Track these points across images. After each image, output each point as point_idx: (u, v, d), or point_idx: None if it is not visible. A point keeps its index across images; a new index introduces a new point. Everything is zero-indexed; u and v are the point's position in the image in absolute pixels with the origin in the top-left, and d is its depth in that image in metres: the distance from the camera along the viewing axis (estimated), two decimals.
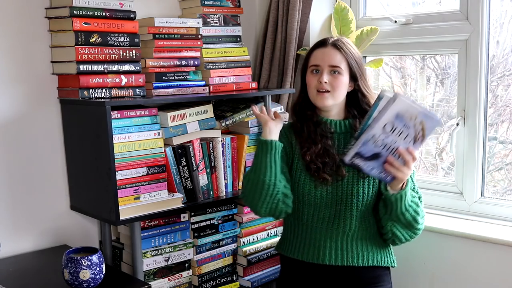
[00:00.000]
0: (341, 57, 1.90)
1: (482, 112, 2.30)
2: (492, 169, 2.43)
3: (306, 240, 1.95)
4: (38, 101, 2.14)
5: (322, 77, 1.88)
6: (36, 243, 2.17)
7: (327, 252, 1.91)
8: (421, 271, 2.36)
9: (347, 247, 1.91)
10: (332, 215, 1.91)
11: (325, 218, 1.92)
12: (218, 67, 2.42)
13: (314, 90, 1.91)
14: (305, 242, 1.95)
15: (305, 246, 1.95)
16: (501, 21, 2.36)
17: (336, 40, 1.94)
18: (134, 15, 2.15)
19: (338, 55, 1.90)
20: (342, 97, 1.93)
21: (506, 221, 2.25)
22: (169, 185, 2.14)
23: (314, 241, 1.93)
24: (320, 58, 1.91)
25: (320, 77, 1.89)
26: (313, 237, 1.93)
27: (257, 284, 2.40)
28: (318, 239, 1.93)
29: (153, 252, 2.14)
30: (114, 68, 2.10)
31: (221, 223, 2.35)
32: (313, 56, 1.95)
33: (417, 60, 2.67)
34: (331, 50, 1.91)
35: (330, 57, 1.90)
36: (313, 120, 1.96)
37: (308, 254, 1.94)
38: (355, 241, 1.92)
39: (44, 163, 2.17)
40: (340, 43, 1.92)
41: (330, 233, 1.91)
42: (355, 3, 2.68)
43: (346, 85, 1.92)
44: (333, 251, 1.91)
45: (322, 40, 1.98)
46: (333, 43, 1.92)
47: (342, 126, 1.96)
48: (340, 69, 1.89)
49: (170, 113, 2.14)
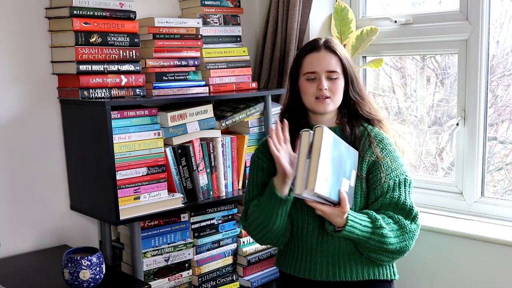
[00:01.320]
0: (337, 60, 1.82)
1: (482, 112, 2.30)
2: (492, 169, 2.43)
3: (298, 255, 1.86)
4: (38, 101, 2.14)
5: (322, 85, 1.79)
6: (36, 243, 2.17)
7: (318, 267, 1.81)
8: (421, 271, 2.36)
9: (339, 262, 1.80)
10: (321, 229, 1.79)
11: (314, 232, 1.81)
12: (218, 67, 2.42)
13: (312, 97, 1.82)
14: (297, 257, 1.86)
15: (297, 261, 1.86)
16: (501, 21, 2.36)
17: (327, 41, 1.85)
18: (134, 15, 2.15)
19: (333, 59, 1.82)
20: (340, 100, 1.85)
21: (506, 221, 2.25)
22: (169, 185, 2.14)
23: (306, 256, 1.84)
24: (316, 64, 1.81)
25: (319, 84, 1.80)
26: (305, 252, 1.84)
27: (257, 284, 2.40)
28: (309, 254, 1.83)
29: (153, 252, 2.14)
30: (114, 68, 2.10)
31: (221, 223, 2.35)
32: (307, 62, 1.83)
33: (417, 60, 2.67)
34: (326, 54, 1.82)
35: (326, 62, 1.81)
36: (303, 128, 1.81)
37: (300, 269, 1.85)
38: (347, 256, 1.80)
39: (44, 163, 2.17)
40: (333, 45, 1.84)
41: (321, 248, 1.80)
42: (355, 3, 2.68)
43: (343, 88, 1.85)
44: (324, 266, 1.81)
45: (312, 43, 1.87)
46: (326, 45, 1.83)
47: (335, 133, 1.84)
48: (338, 73, 1.82)
49: (170, 113, 2.14)
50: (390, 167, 1.80)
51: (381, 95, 2.79)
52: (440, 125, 2.59)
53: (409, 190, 1.81)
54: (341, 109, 1.89)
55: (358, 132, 1.85)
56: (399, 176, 1.80)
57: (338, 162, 1.66)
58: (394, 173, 1.80)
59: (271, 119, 2.44)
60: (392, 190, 1.78)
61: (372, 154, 1.81)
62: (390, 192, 1.78)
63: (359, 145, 1.83)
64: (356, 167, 1.78)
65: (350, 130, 1.85)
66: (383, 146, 1.83)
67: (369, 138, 1.84)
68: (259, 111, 2.44)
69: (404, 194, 1.79)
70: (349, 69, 1.84)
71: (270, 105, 2.44)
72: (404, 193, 1.79)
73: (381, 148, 1.83)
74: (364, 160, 1.81)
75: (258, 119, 2.45)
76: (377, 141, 1.83)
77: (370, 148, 1.82)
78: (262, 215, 1.77)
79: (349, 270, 1.80)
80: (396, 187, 1.79)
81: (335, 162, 1.64)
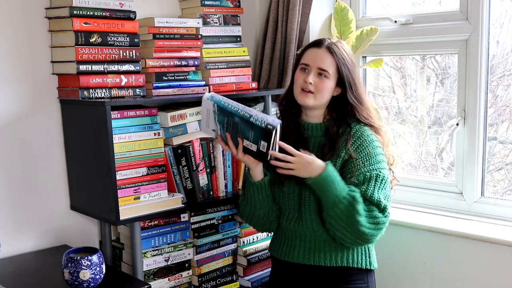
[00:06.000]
0: (332, 62, 1.90)
1: (482, 112, 2.30)
2: (492, 169, 2.43)
3: (282, 238, 2.01)
4: (38, 101, 2.14)
5: (308, 77, 1.90)
6: (36, 243, 2.17)
7: (296, 250, 1.95)
8: (421, 271, 2.36)
9: (315, 247, 1.92)
10: (297, 216, 1.93)
11: (292, 218, 1.94)
12: (218, 67, 2.42)
13: (298, 88, 1.93)
14: (281, 240, 2.02)
15: (280, 244, 2.01)
16: (501, 21, 2.36)
17: (332, 43, 1.94)
18: (134, 15, 2.15)
19: (329, 59, 1.90)
20: (324, 100, 1.93)
21: (506, 221, 2.25)
22: (169, 185, 2.14)
23: (286, 239, 1.99)
24: (311, 58, 1.92)
25: (306, 76, 1.91)
26: (286, 236, 1.99)
27: (257, 284, 2.40)
28: (289, 238, 1.98)
29: (153, 252, 2.14)
30: (114, 68, 2.10)
31: (221, 223, 2.35)
32: (305, 54, 1.95)
33: (417, 60, 2.67)
34: (323, 53, 1.91)
35: (320, 59, 1.90)
36: (295, 120, 1.99)
37: (282, 252, 2.00)
38: (323, 242, 1.91)
39: (44, 163, 2.17)
40: (334, 47, 1.92)
41: (299, 233, 1.94)
42: (355, 3, 2.68)
43: (331, 90, 1.93)
44: (301, 250, 1.94)
45: (318, 40, 1.98)
46: (328, 46, 1.92)
47: (319, 129, 1.97)
48: (328, 73, 1.90)
49: (170, 113, 2.14)
50: (360, 164, 1.86)
51: (381, 95, 2.80)
52: (440, 125, 2.59)
53: (379, 186, 1.85)
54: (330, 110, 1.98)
55: (340, 130, 1.93)
56: (371, 171, 1.86)
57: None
58: (365, 169, 1.86)
59: None
60: (361, 184, 1.84)
61: (346, 152, 1.90)
62: (358, 186, 1.84)
63: (338, 142, 1.92)
64: (269, 142, 1.81)
65: (334, 129, 1.94)
66: (360, 143, 1.90)
67: (348, 137, 1.91)
68: (259, 111, 2.44)
69: (371, 188, 1.83)
70: (345, 74, 1.91)
71: (270, 105, 2.44)
72: (372, 187, 1.84)
73: (357, 146, 1.90)
74: (339, 157, 1.90)
75: None
76: (354, 138, 1.91)
77: (345, 147, 1.90)
78: (248, 203, 1.97)
79: (323, 256, 1.91)
80: (366, 181, 1.84)
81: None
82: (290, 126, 1.99)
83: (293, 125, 1.99)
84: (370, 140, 1.91)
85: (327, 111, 1.98)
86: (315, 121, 1.98)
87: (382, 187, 1.86)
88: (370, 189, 1.83)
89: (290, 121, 2.00)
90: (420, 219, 2.38)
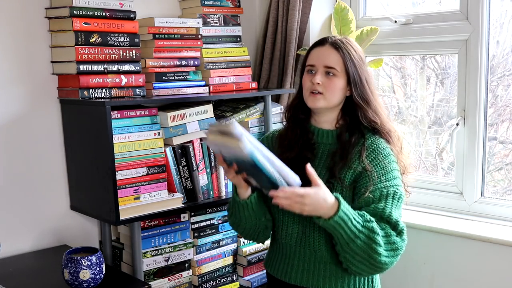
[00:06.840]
0: (338, 58, 1.74)
1: (482, 112, 2.30)
2: (492, 169, 2.43)
3: (279, 256, 1.84)
4: (38, 101, 2.14)
5: (315, 78, 1.74)
6: (36, 243, 2.17)
7: (294, 271, 1.78)
8: (421, 271, 2.36)
9: (314, 269, 1.75)
10: (300, 233, 1.76)
11: (293, 235, 1.77)
12: (218, 67, 2.42)
13: (307, 91, 1.77)
14: (278, 258, 1.84)
15: (277, 262, 1.84)
16: (501, 21, 2.36)
17: (336, 39, 1.78)
18: (134, 15, 2.15)
19: (334, 55, 1.74)
20: (336, 100, 1.77)
21: (506, 221, 2.25)
22: (169, 185, 2.14)
23: (285, 258, 1.81)
24: (316, 57, 1.77)
25: (313, 77, 1.75)
26: (284, 254, 1.81)
27: (257, 284, 2.40)
28: (288, 257, 1.80)
29: (153, 252, 2.14)
30: (114, 68, 2.10)
31: (221, 223, 2.35)
32: (310, 55, 1.80)
33: (417, 60, 2.67)
34: (328, 50, 1.76)
35: (325, 57, 1.75)
36: (302, 126, 1.84)
37: (278, 270, 1.83)
38: (323, 264, 1.74)
39: (44, 163, 2.17)
40: (339, 43, 1.76)
41: (299, 252, 1.77)
42: (355, 3, 2.68)
43: (342, 89, 1.76)
44: (299, 271, 1.77)
45: (322, 38, 1.83)
46: (332, 42, 1.77)
47: (330, 135, 1.81)
48: (336, 70, 1.74)
49: (170, 113, 2.14)
50: (376, 179, 1.69)
51: (381, 95, 2.79)
52: (440, 125, 2.59)
53: (396, 204, 1.68)
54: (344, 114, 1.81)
55: (354, 139, 1.77)
56: (388, 188, 1.69)
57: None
58: (381, 184, 1.69)
59: (271, 119, 2.44)
60: (378, 201, 1.67)
61: (359, 164, 1.72)
62: (375, 203, 1.67)
63: (352, 153, 1.74)
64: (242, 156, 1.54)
65: (346, 135, 1.78)
66: (374, 156, 1.73)
67: (362, 148, 1.74)
68: (259, 111, 2.44)
69: (389, 207, 1.66)
70: (351, 70, 1.74)
71: (270, 105, 2.44)
72: (390, 206, 1.67)
73: (372, 159, 1.73)
74: (351, 168, 1.73)
75: (258, 119, 2.45)
76: (369, 150, 1.74)
77: (359, 158, 1.73)
78: (233, 215, 1.85)
79: (322, 280, 1.74)
80: (383, 198, 1.67)
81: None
82: (297, 132, 1.83)
83: (300, 132, 1.83)
84: (386, 153, 1.74)
85: (341, 114, 1.81)
86: (327, 127, 1.81)
87: (399, 205, 1.69)
88: (388, 208, 1.65)
89: (296, 128, 1.84)
90: (420, 219, 2.38)
